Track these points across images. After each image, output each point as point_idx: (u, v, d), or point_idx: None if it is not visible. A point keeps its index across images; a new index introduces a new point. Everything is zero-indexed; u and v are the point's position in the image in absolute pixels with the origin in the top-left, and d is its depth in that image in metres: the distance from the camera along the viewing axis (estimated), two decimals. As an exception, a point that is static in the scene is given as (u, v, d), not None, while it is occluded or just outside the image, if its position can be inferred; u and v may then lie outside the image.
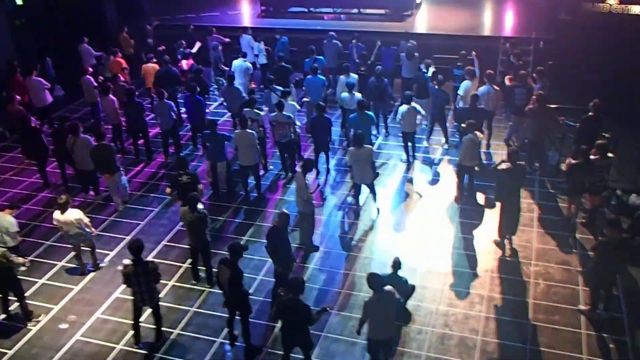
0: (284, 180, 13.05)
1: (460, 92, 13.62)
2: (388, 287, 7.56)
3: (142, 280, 8.34)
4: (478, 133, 11.64)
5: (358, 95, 13.52)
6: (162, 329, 8.99)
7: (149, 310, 8.96)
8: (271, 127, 13.07)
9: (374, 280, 7.48)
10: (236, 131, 11.99)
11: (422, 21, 20.59)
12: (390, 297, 7.57)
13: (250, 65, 16.09)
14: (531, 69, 14.78)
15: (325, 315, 9.13)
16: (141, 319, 8.93)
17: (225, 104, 15.16)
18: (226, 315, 8.76)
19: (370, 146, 11.35)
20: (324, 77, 14.83)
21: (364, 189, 11.74)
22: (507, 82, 14.03)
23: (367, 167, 11.17)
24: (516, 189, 10.32)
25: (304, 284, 7.68)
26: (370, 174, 11.31)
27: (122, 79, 15.32)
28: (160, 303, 9.39)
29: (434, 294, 9.61)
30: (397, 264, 8.81)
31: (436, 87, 13.58)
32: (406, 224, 11.46)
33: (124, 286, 8.92)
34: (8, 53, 18.29)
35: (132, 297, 8.62)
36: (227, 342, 8.85)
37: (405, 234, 11.17)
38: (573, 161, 10.67)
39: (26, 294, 9.55)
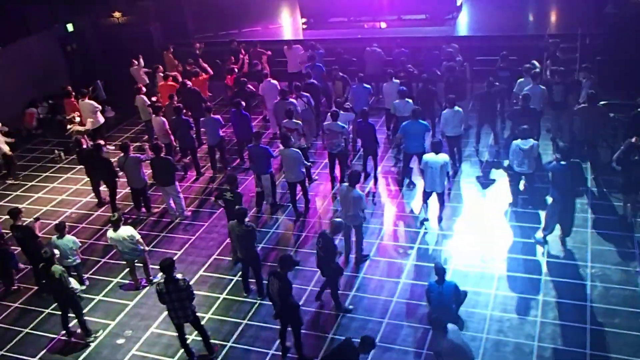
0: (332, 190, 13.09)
1: (516, 89, 13.51)
2: (451, 326, 7.39)
3: (174, 298, 8.43)
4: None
5: (410, 102, 13.40)
6: (215, 341, 9.12)
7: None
8: (323, 135, 13.10)
9: (438, 322, 7.31)
10: (280, 149, 12.09)
11: (464, 24, 20.36)
12: (458, 334, 7.42)
13: (276, 83, 15.78)
14: (578, 66, 14.43)
15: (377, 325, 9.14)
16: (193, 334, 9.07)
17: (275, 118, 15.19)
18: (278, 326, 8.81)
19: (446, 155, 11.07)
20: (369, 86, 14.79)
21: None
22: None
23: (441, 175, 10.88)
24: (571, 187, 10.05)
25: (373, 344, 7.49)
26: (443, 182, 11.01)
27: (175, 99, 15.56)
28: (212, 316, 9.57)
29: (486, 299, 9.43)
30: (439, 270, 8.61)
31: (485, 89, 13.39)
32: (456, 229, 11.30)
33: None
34: (61, 78, 19.02)
35: (168, 314, 8.76)
36: (280, 353, 8.89)
37: (455, 240, 11.01)
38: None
39: (84, 311, 9.83)
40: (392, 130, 14.52)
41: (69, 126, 14.64)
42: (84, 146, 13.50)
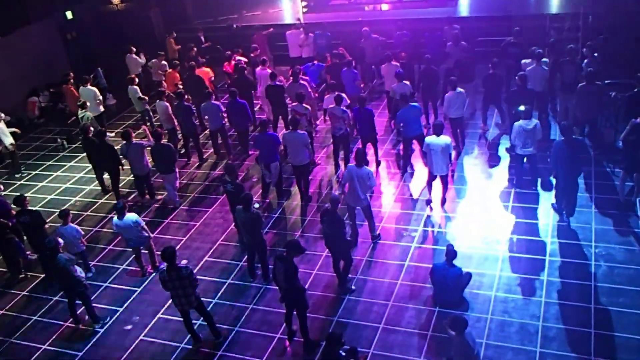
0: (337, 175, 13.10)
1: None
2: (467, 330, 7.39)
3: (177, 285, 8.51)
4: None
5: (408, 84, 13.36)
6: (221, 326, 9.19)
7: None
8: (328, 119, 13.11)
9: (459, 323, 7.28)
10: (285, 132, 12.03)
11: (466, 4, 20.18)
12: (471, 338, 7.44)
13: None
14: (580, 45, 14.35)
15: (381, 308, 9.21)
16: (200, 320, 9.15)
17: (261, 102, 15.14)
18: (284, 310, 8.87)
19: (448, 137, 11.00)
20: (356, 71, 14.75)
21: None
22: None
23: (443, 157, 10.84)
24: (570, 165, 10.02)
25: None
26: (447, 164, 10.97)
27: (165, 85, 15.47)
28: (218, 301, 9.62)
29: (491, 280, 9.47)
30: (450, 253, 8.72)
31: (491, 70, 13.35)
32: (460, 211, 11.32)
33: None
34: (62, 66, 18.98)
35: (172, 301, 8.85)
36: (286, 337, 8.96)
37: (459, 221, 11.04)
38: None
39: (92, 297, 9.89)
40: (392, 113, 14.46)
41: (80, 111, 14.49)
42: (90, 134, 13.47)
